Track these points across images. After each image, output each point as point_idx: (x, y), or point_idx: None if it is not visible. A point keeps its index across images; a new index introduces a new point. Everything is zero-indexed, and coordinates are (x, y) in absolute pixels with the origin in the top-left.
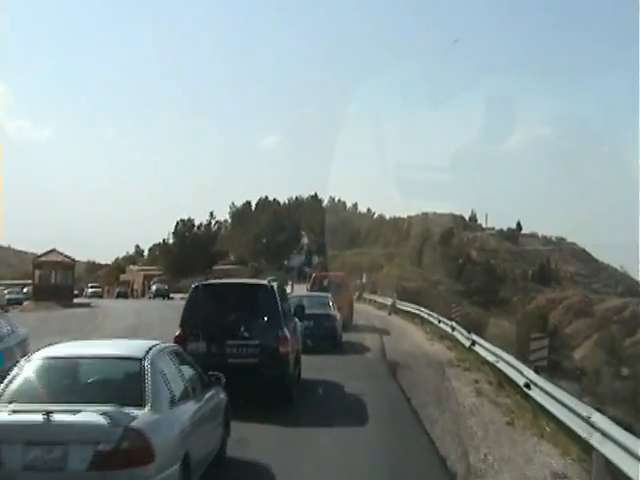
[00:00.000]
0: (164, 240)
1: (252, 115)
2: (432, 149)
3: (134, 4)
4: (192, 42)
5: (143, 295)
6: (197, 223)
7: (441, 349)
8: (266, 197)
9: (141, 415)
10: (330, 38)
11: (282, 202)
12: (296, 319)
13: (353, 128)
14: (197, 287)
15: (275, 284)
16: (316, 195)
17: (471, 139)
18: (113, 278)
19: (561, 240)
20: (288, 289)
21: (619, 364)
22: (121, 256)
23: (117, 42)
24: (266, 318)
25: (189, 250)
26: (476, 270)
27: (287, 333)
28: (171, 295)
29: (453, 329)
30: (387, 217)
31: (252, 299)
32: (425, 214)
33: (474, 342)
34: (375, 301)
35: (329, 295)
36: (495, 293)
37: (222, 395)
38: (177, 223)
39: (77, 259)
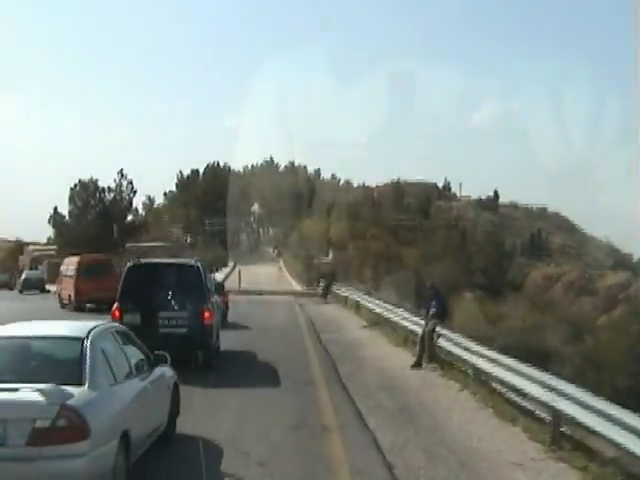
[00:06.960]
0: (55, 209)
1: None
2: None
3: None
4: None
5: None
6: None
7: None
8: (216, 163)
9: (78, 393)
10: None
11: (235, 169)
12: (216, 296)
13: None
14: (132, 266)
15: (199, 264)
16: (272, 160)
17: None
18: (13, 261)
19: (543, 210)
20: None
21: None
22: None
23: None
24: (193, 293)
25: (93, 222)
26: (474, 244)
27: (211, 307)
28: (48, 287)
29: None
30: (355, 184)
31: (181, 277)
32: (396, 182)
33: None
34: (357, 303)
35: None
36: (503, 273)
37: (170, 374)
38: (74, 185)
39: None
